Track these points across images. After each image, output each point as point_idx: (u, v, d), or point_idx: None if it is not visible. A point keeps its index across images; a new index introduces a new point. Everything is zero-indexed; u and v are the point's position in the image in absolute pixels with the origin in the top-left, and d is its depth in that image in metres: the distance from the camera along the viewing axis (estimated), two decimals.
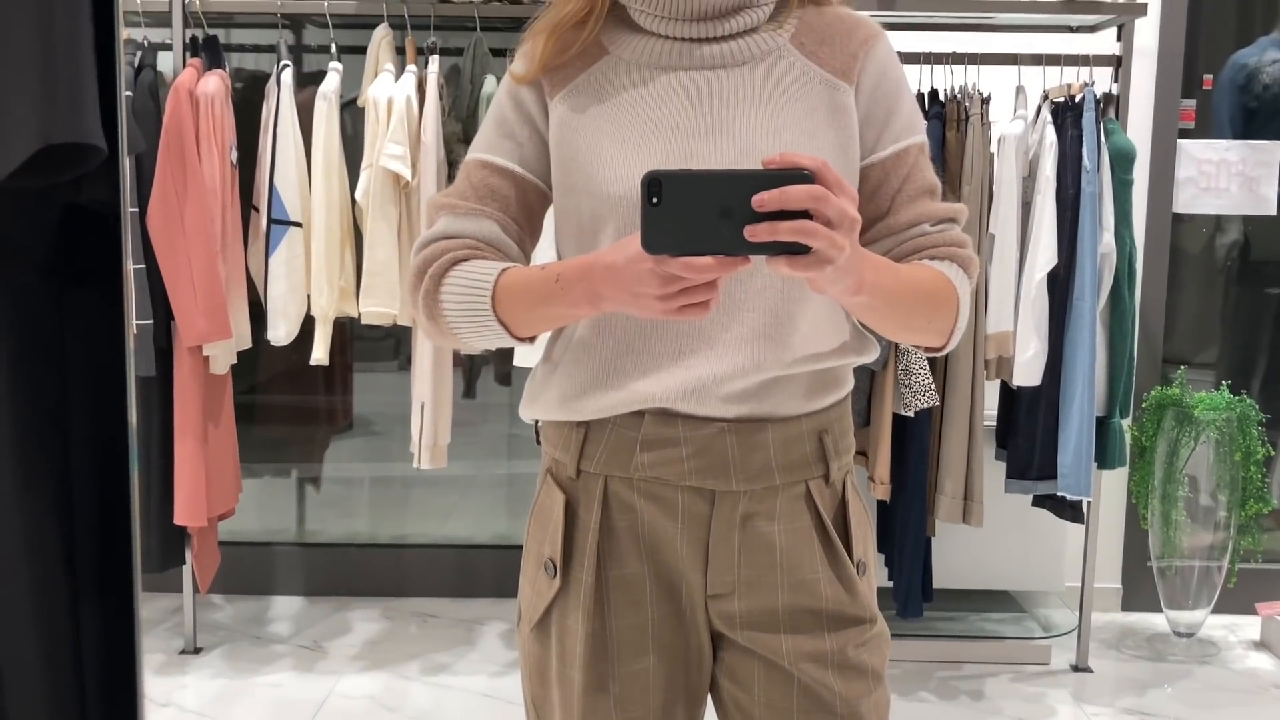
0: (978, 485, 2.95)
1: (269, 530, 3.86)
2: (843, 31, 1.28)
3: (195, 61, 2.95)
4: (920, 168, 1.27)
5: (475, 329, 1.23)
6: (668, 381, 1.22)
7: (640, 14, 1.26)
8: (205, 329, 2.84)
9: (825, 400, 1.28)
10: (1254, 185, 3.38)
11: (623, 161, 1.22)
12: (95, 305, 0.90)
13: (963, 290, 1.25)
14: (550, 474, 1.32)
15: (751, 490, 1.24)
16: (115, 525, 0.91)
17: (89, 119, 0.82)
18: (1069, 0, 2.93)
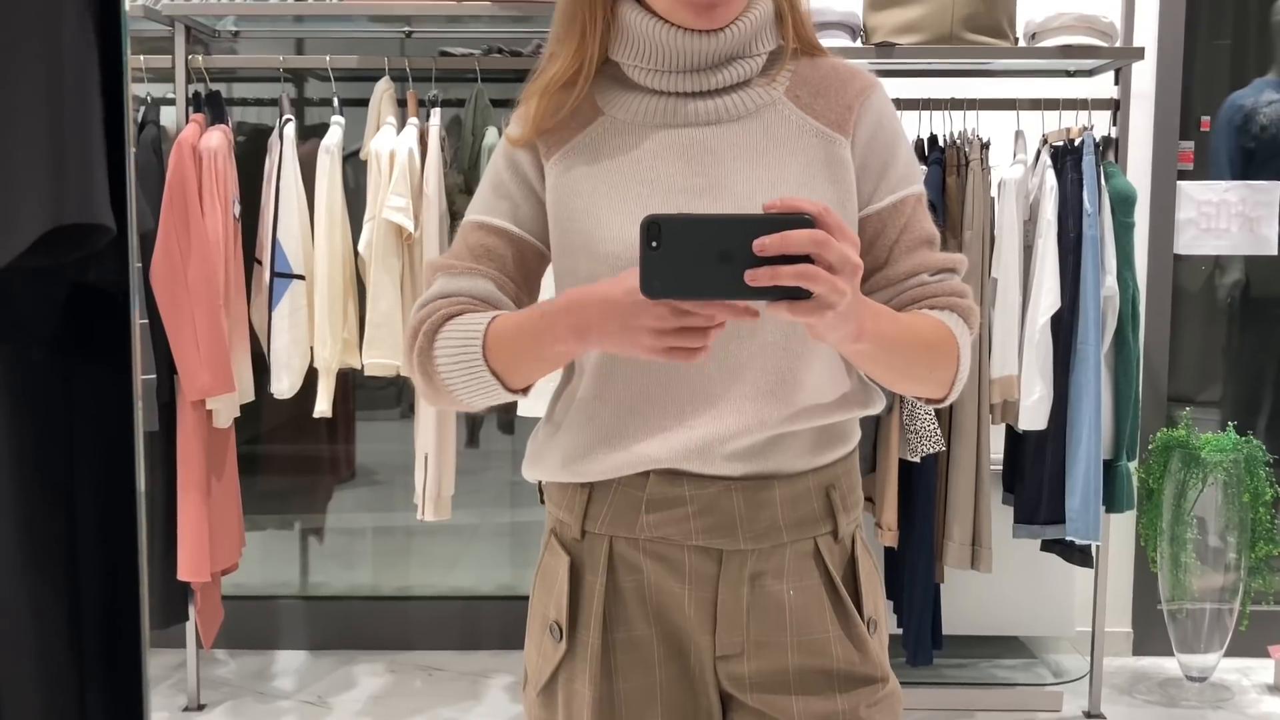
0: (986, 531, 2.93)
1: (272, 583, 3.84)
2: (837, 84, 1.27)
3: (198, 117, 2.97)
4: (918, 218, 1.26)
5: (469, 381, 1.22)
6: (672, 442, 1.21)
7: (633, 69, 1.27)
8: (208, 383, 2.84)
9: (831, 455, 1.27)
10: (1254, 225, 3.38)
11: (619, 222, 1.22)
12: (103, 380, 0.90)
13: (963, 340, 1.24)
14: (554, 535, 1.30)
15: (759, 549, 1.23)
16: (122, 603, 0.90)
17: (98, 200, 0.82)
18: (1066, 46, 2.94)
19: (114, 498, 0.88)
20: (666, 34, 1.22)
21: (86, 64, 0.82)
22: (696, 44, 1.23)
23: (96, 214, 0.82)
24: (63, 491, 0.90)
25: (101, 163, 0.83)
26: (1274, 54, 3.75)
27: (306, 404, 3.03)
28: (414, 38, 3.31)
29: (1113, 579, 3.35)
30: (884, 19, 2.96)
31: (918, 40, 2.93)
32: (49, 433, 0.89)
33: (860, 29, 3.03)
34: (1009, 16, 2.95)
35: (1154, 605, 3.45)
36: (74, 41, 0.81)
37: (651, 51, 1.24)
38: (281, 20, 3.27)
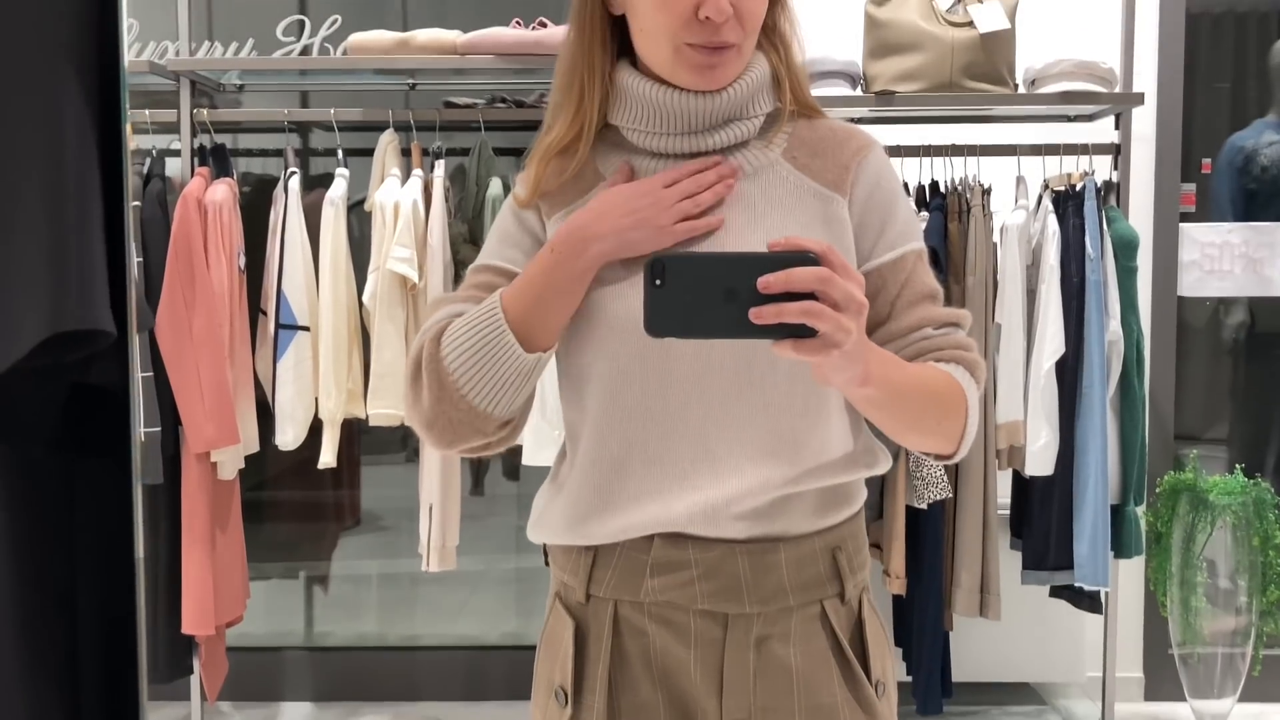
0: (994, 577, 2.91)
1: (277, 634, 3.82)
2: (834, 144, 1.28)
3: (203, 170, 2.99)
4: (919, 273, 1.27)
5: (482, 362, 1.18)
6: (675, 504, 1.21)
7: (632, 131, 1.27)
8: (213, 435, 2.84)
9: (837, 516, 1.27)
10: (1258, 267, 3.38)
11: (621, 284, 1.22)
12: (105, 479, 0.90)
13: (971, 394, 1.23)
14: (559, 598, 1.30)
15: (765, 612, 1.22)
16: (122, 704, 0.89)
17: (98, 305, 0.82)
18: (1066, 92, 2.96)
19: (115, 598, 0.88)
20: (665, 96, 1.23)
21: (87, 170, 0.82)
22: (695, 105, 1.23)
23: (96, 320, 0.83)
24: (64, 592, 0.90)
25: (102, 267, 0.84)
26: (1273, 95, 3.77)
27: (311, 451, 3.03)
28: (418, 89, 3.33)
29: (1123, 624, 3.32)
30: (884, 67, 2.98)
31: (918, 88, 2.94)
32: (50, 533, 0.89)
33: (860, 78, 3.04)
34: (1008, 63, 2.97)
35: (1165, 650, 3.42)
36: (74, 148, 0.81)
37: (650, 114, 1.25)
38: (286, 73, 3.29)
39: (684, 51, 1.20)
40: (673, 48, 1.20)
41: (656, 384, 1.21)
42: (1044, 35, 3.17)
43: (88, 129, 0.82)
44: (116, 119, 0.84)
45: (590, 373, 1.24)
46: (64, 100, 0.80)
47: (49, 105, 0.80)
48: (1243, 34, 3.88)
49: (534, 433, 2.95)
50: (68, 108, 0.80)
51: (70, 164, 0.81)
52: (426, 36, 3.01)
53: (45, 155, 0.80)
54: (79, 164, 0.81)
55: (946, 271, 2.92)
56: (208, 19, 3.67)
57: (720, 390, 1.20)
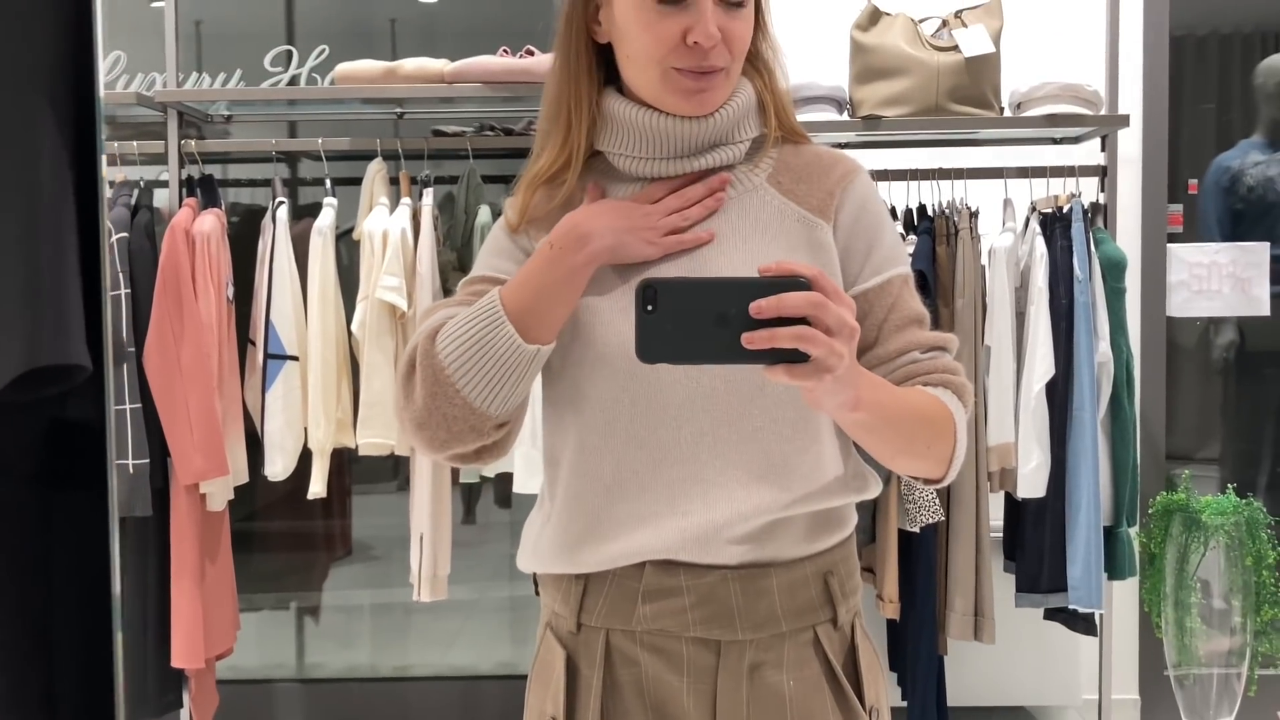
0: (988, 601, 2.90)
1: (268, 665, 3.79)
2: (820, 170, 1.28)
3: (191, 201, 2.98)
4: (905, 298, 1.26)
5: (480, 355, 1.16)
6: (666, 531, 1.20)
7: (618, 157, 1.27)
8: (202, 467, 2.82)
9: (828, 541, 1.26)
10: (1246, 286, 3.39)
11: (609, 310, 1.22)
12: (83, 512, 0.89)
13: (959, 417, 1.23)
14: (550, 628, 1.29)
15: (758, 639, 1.21)
16: None
17: (74, 341, 0.81)
18: (1051, 115, 2.97)
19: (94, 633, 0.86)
20: (652, 120, 1.23)
21: (62, 204, 0.82)
22: (682, 130, 1.23)
23: (71, 355, 0.82)
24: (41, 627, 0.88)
25: (77, 302, 0.83)
26: (1258, 115, 3.79)
27: (301, 481, 3.02)
28: (406, 118, 3.34)
29: (1118, 646, 3.31)
30: (870, 92, 2.99)
31: (904, 112, 2.95)
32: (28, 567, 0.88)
33: (846, 102, 3.06)
34: (994, 87, 2.98)
35: (1161, 671, 3.41)
36: (50, 183, 0.81)
37: (637, 139, 1.25)
38: (274, 104, 3.29)
39: (672, 76, 1.20)
40: (660, 72, 1.20)
41: (645, 410, 1.20)
42: (1029, 58, 3.19)
43: (64, 163, 0.81)
44: (93, 152, 0.84)
45: (579, 399, 1.23)
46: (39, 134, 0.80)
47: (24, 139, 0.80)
48: (1227, 55, 3.91)
49: (525, 460, 2.94)
50: (43, 142, 0.80)
51: (46, 199, 0.80)
52: (414, 65, 3.02)
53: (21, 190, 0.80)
54: (55, 199, 0.81)
55: (935, 295, 2.93)
56: (196, 50, 3.68)
57: (710, 416, 1.20)
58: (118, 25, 3.61)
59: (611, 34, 1.24)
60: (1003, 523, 3.12)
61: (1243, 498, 3.19)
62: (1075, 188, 3.00)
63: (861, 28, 3.02)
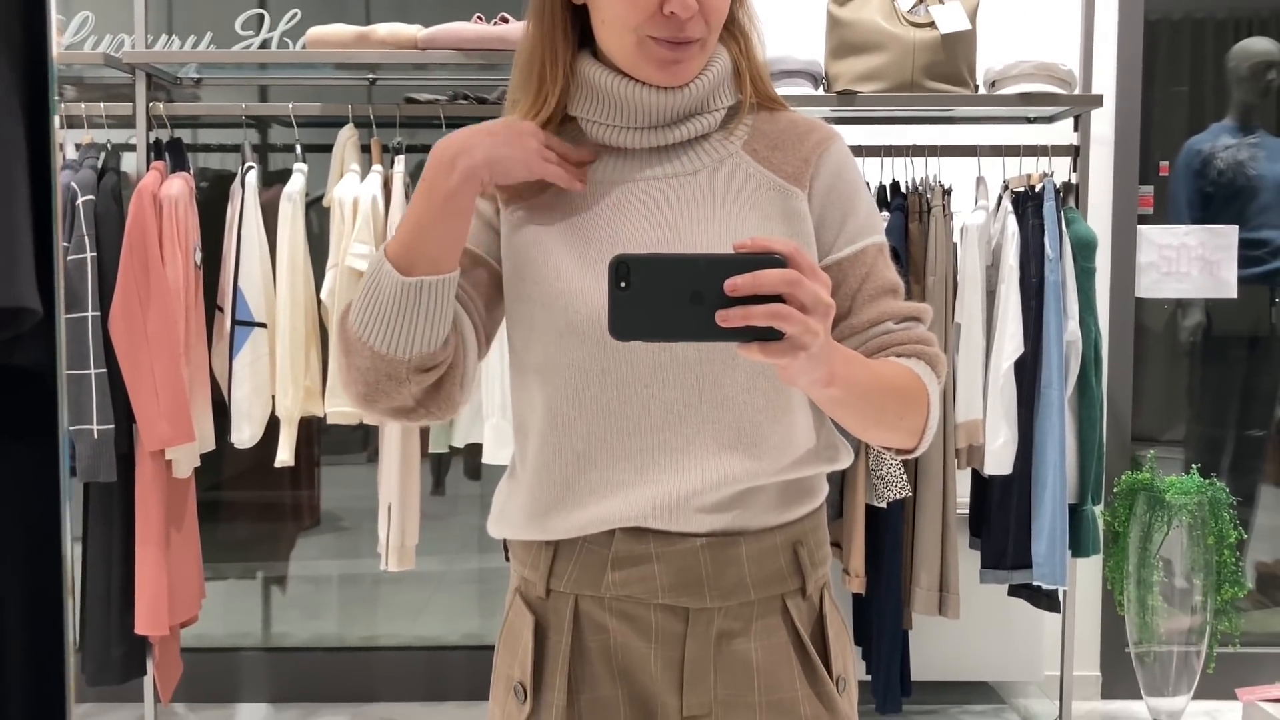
0: (953, 576, 2.93)
1: (233, 634, 3.77)
2: (795, 137, 1.27)
3: (159, 164, 2.94)
4: (880, 267, 1.25)
5: (371, 302, 1.15)
6: (636, 498, 1.20)
7: (590, 124, 1.26)
8: (168, 433, 2.80)
9: (798, 511, 1.26)
10: (1214, 269, 3.42)
11: (580, 277, 1.21)
12: (30, 468, 0.86)
13: (933, 389, 1.23)
14: (519, 594, 1.28)
15: (726, 607, 1.21)
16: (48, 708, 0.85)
17: (23, 283, 0.79)
18: (1026, 93, 2.98)
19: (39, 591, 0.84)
20: (628, 89, 1.22)
21: (12, 146, 0.79)
22: (657, 100, 1.22)
23: (20, 297, 0.80)
24: None
25: (27, 244, 0.80)
26: (1230, 99, 3.82)
27: (268, 450, 3.00)
28: (379, 85, 3.30)
29: (1080, 623, 3.35)
30: (845, 67, 2.99)
31: (879, 88, 2.95)
32: None
33: (822, 77, 3.05)
34: (969, 64, 2.98)
35: (1122, 648, 3.45)
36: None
37: (610, 107, 1.23)
38: (245, 67, 3.25)
39: (647, 45, 1.19)
40: (636, 40, 1.19)
41: (616, 379, 1.20)
42: (1004, 36, 3.19)
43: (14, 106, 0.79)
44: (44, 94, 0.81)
45: (549, 368, 1.22)
46: None
47: None
48: (1200, 39, 3.93)
49: (495, 432, 2.93)
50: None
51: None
52: (387, 31, 2.98)
53: None
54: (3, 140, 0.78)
55: (907, 271, 2.93)
56: (166, 12, 3.62)
57: (682, 385, 1.19)
58: None
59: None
60: (969, 499, 3.14)
61: (1206, 479, 3.23)
62: (1048, 167, 3.01)
63: (838, 2, 3.01)
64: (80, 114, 3.01)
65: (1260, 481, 3.94)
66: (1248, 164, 3.74)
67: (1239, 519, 3.22)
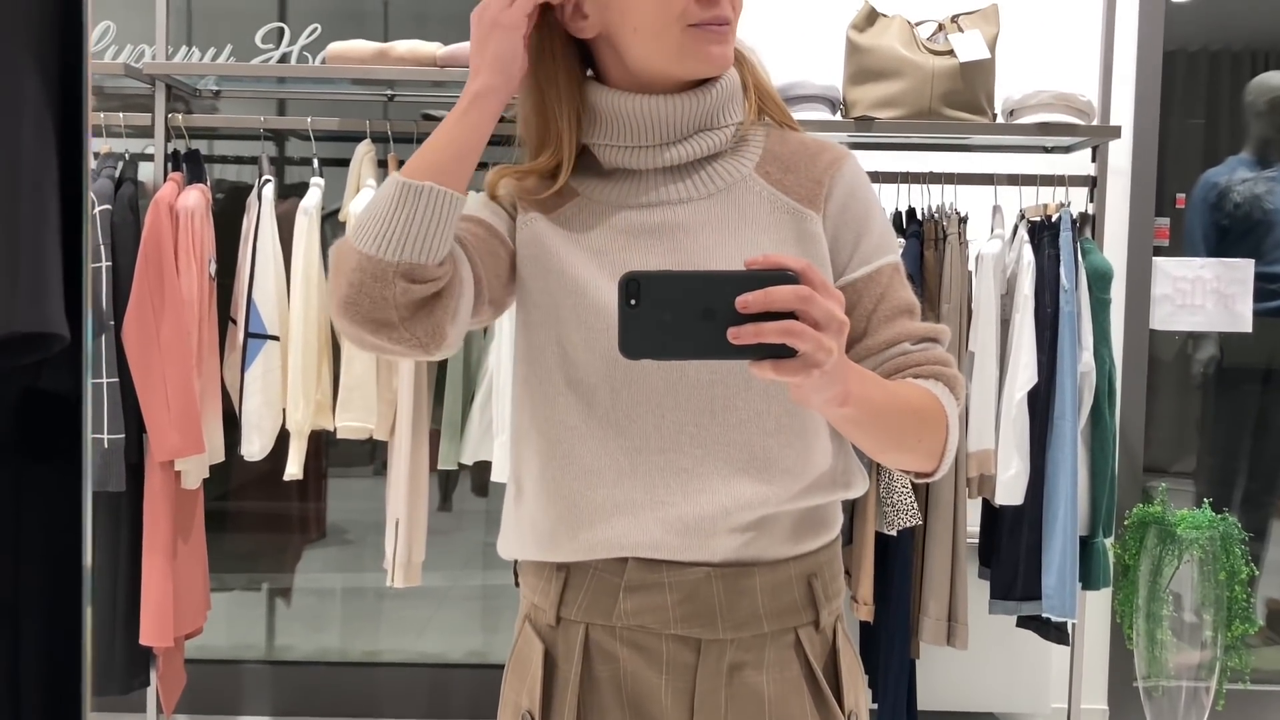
0: (962, 607, 2.91)
1: (237, 646, 3.76)
2: (807, 158, 1.26)
3: (176, 175, 2.95)
4: (895, 287, 1.24)
5: (369, 212, 1.11)
6: (648, 523, 1.18)
7: (601, 148, 1.25)
8: (178, 444, 2.80)
9: (814, 542, 1.25)
10: (1229, 302, 3.40)
11: (591, 293, 1.20)
12: (54, 486, 0.86)
13: (951, 410, 1.21)
14: (529, 620, 1.27)
15: (739, 638, 1.20)
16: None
17: (52, 308, 0.79)
18: (1044, 123, 2.97)
19: (61, 608, 0.84)
20: (639, 104, 1.21)
21: (44, 169, 0.79)
22: (670, 109, 1.21)
23: (49, 323, 0.79)
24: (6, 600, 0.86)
25: (57, 270, 0.80)
26: (1246, 132, 3.81)
27: (277, 462, 2.99)
28: (396, 100, 3.31)
29: (1089, 656, 3.32)
30: (864, 93, 2.98)
31: (897, 115, 2.95)
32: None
33: (840, 102, 3.05)
34: (987, 93, 2.98)
35: (1130, 682, 3.42)
36: (32, 145, 0.78)
37: (624, 127, 1.22)
38: (263, 80, 3.26)
39: (691, 34, 1.18)
40: (680, 31, 1.18)
41: (627, 397, 1.19)
42: (1023, 66, 3.19)
43: (47, 128, 0.78)
44: (78, 120, 0.81)
45: (558, 381, 1.22)
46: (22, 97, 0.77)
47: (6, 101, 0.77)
48: (1217, 71, 3.92)
49: (503, 449, 2.93)
50: (26, 105, 0.77)
51: (26, 162, 0.78)
52: (406, 48, 2.99)
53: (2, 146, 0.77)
54: (36, 163, 0.78)
55: (922, 299, 2.93)
56: (187, 23, 3.64)
57: (693, 405, 1.18)
58: None
59: (604, 21, 1.21)
60: (979, 529, 3.12)
61: (1218, 513, 3.21)
62: (1065, 197, 3.01)
63: (858, 28, 3.01)
64: (99, 123, 3.02)
65: (1272, 516, 3.92)
66: (1264, 198, 3.73)
67: (1250, 554, 3.20)
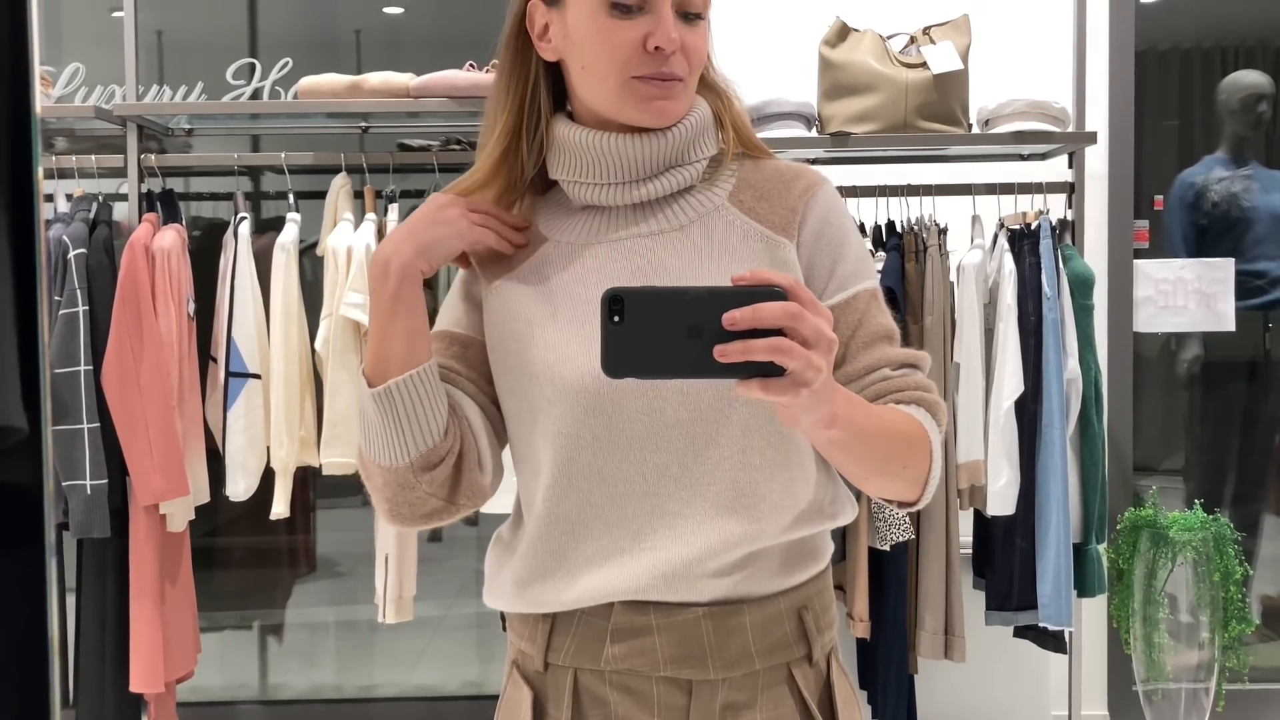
0: (958, 619, 2.89)
1: (230, 686, 3.72)
2: (781, 185, 1.24)
3: (151, 216, 2.93)
4: (873, 313, 1.22)
5: (363, 427, 1.19)
6: (634, 568, 1.17)
7: (571, 185, 1.24)
8: (162, 487, 2.77)
9: (803, 575, 1.23)
10: (1211, 302, 3.41)
11: (564, 343, 1.19)
12: (17, 580, 0.84)
13: (935, 437, 1.19)
14: (516, 666, 1.25)
15: (730, 678, 1.18)
16: None
17: (9, 401, 0.77)
18: (1019, 131, 2.97)
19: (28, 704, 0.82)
20: (605, 142, 1.20)
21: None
22: (637, 149, 1.20)
23: (5, 416, 0.77)
24: None
25: (13, 360, 0.78)
26: (1221, 131, 3.82)
27: (264, 497, 2.97)
28: (371, 132, 3.30)
29: (1087, 662, 3.31)
30: (838, 109, 2.98)
31: (872, 129, 2.94)
32: None
33: (815, 119, 3.04)
34: (962, 104, 2.98)
35: (1129, 687, 3.41)
36: None
37: (591, 164, 1.21)
38: (236, 117, 3.24)
39: (632, 86, 1.17)
40: (620, 82, 1.17)
41: (607, 444, 1.17)
42: (997, 75, 3.19)
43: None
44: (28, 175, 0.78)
45: (538, 437, 1.20)
46: None
47: None
48: (1187, 70, 3.94)
49: None
50: None
51: None
52: (379, 79, 2.98)
53: None
54: None
55: (904, 311, 2.92)
56: (157, 62, 3.62)
57: (674, 447, 1.16)
58: (76, 35, 3.56)
59: (563, 49, 1.21)
60: (972, 540, 3.11)
61: (1210, 513, 3.20)
62: (1043, 204, 3.01)
63: (830, 44, 3.01)
64: (72, 165, 2.99)
65: (1263, 511, 3.92)
66: (1241, 196, 3.74)
67: (1243, 551, 3.20)
